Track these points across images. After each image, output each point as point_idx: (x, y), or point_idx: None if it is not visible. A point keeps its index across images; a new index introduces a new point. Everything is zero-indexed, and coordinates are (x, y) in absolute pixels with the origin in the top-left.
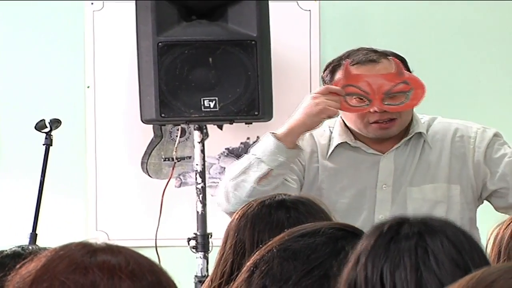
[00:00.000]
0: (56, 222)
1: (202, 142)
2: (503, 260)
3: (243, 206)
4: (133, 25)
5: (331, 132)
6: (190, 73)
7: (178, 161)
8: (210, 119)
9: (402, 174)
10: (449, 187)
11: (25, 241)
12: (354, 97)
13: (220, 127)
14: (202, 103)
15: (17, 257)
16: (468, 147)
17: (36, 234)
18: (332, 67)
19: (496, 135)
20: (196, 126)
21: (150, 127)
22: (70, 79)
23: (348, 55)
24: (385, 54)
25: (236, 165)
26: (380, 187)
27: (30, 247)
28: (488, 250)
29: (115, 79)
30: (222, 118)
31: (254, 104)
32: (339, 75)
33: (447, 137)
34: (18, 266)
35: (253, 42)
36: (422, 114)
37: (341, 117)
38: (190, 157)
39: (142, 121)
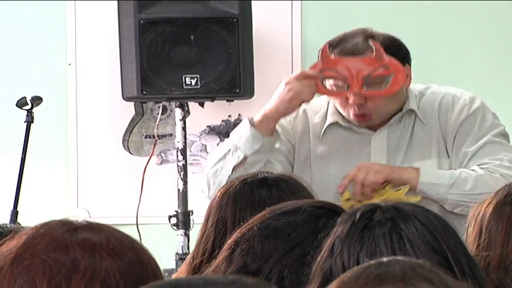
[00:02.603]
0: (37, 199)
1: (183, 119)
2: (484, 238)
3: (225, 184)
4: (115, 3)
5: (326, 114)
6: (171, 51)
7: (159, 138)
8: (192, 97)
9: (395, 152)
10: (440, 162)
11: (6, 218)
12: (332, 80)
13: (202, 105)
14: (183, 80)
15: None
16: (450, 119)
17: (17, 212)
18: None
19: (476, 110)
20: (178, 103)
21: (131, 104)
22: (52, 56)
23: (340, 41)
24: (367, 40)
25: (216, 151)
26: None
27: (9, 225)
28: (470, 229)
29: (96, 56)
30: (203, 95)
31: (235, 81)
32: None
33: (434, 109)
34: None
35: (234, 20)
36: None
37: None
38: (171, 135)
39: (124, 99)
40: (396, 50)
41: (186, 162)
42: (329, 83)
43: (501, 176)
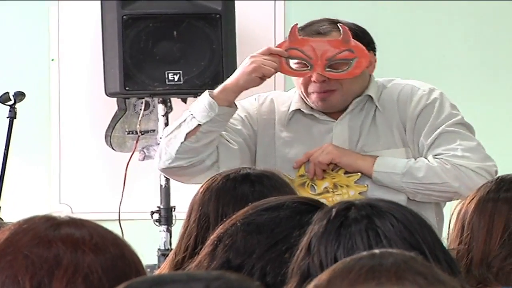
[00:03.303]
0: (20, 195)
1: (166, 115)
2: (466, 234)
3: (208, 180)
4: None
5: (291, 102)
6: (154, 46)
7: (142, 134)
8: (174, 93)
9: (358, 140)
10: (406, 151)
11: None
12: (296, 61)
13: (184, 101)
14: (166, 76)
15: None
16: (409, 109)
17: (0, 207)
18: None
19: (434, 100)
20: (160, 99)
21: (114, 100)
22: (35, 52)
23: (311, 24)
24: (336, 24)
25: (173, 123)
26: None
27: None
28: (452, 225)
29: (79, 52)
30: (186, 91)
31: (218, 77)
32: None
33: (394, 100)
34: None
35: (217, 16)
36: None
37: None
38: (154, 131)
39: (106, 94)
40: (362, 36)
41: None
42: (293, 64)
43: (453, 167)
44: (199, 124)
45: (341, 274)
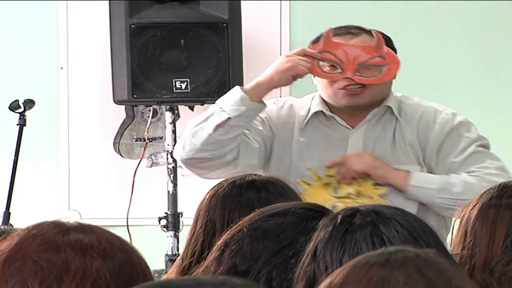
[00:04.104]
0: (30, 201)
1: (173, 122)
2: (469, 240)
3: (214, 186)
4: (106, 7)
5: (310, 107)
6: (162, 55)
7: (150, 141)
8: (182, 100)
9: (372, 150)
10: (422, 170)
11: None
12: (328, 64)
13: (191, 108)
14: (173, 84)
15: None
16: (432, 131)
17: (10, 213)
18: (315, 39)
19: (460, 123)
20: (168, 107)
21: (122, 107)
22: (44, 60)
23: (343, 27)
24: (368, 30)
25: (199, 116)
26: None
27: (1, 227)
28: (455, 231)
29: (88, 60)
30: (193, 99)
31: (225, 85)
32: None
33: (414, 120)
34: None
35: (224, 25)
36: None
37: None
38: (161, 138)
39: (115, 102)
40: (390, 45)
41: (176, 164)
42: (324, 67)
43: (489, 184)
44: (229, 117)
45: (356, 277)
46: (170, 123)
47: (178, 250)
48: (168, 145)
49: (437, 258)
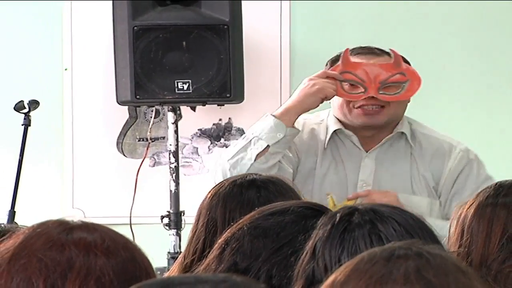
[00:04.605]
0: (34, 200)
1: (175, 123)
2: (466, 238)
3: (215, 185)
4: (110, 10)
5: (327, 126)
6: (164, 56)
7: (152, 141)
8: (184, 101)
9: (382, 175)
10: (432, 202)
11: (4, 218)
12: (350, 83)
13: (193, 109)
14: (176, 85)
15: None
16: (447, 165)
17: (15, 212)
18: (335, 58)
19: (474, 160)
20: (170, 107)
21: (125, 108)
22: (49, 61)
23: (359, 47)
24: (387, 53)
25: (233, 147)
26: (360, 186)
27: (2, 225)
28: (452, 229)
29: (92, 61)
30: (195, 100)
31: (226, 86)
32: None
33: (428, 151)
34: None
35: (225, 27)
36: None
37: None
38: (164, 138)
39: (118, 103)
40: (406, 62)
41: (178, 164)
42: (346, 86)
43: None
44: (268, 146)
45: (357, 276)
46: (172, 123)
47: (180, 248)
48: (170, 144)
49: (442, 258)
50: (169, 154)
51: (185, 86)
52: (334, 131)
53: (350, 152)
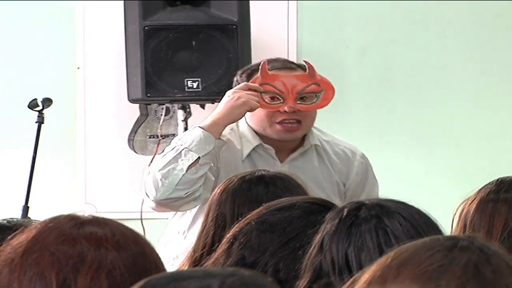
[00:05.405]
0: (47, 195)
1: (185, 120)
2: (468, 233)
3: (225, 181)
4: (121, 10)
5: (241, 137)
6: (174, 56)
7: (163, 138)
8: (193, 99)
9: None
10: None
11: (18, 213)
12: (268, 95)
13: (203, 106)
14: (185, 83)
15: (4, 229)
16: (351, 172)
17: (28, 207)
18: (250, 72)
19: (369, 165)
20: (180, 105)
21: (136, 106)
22: (62, 60)
23: (267, 62)
24: (300, 66)
25: (163, 157)
26: None
27: (15, 220)
28: (454, 225)
29: (104, 61)
30: (204, 98)
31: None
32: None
33: (335, 158)
34: (9, 237)
35: (234, 27)
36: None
37: (246, 122)
38: (174, 135)
39: (129, 101)
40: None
41: None
42: (266, 98)
43: None
44: (198, 157)
45: (416, 261)
46: (182, 121)
47: None
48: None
49: (500, 257)
50: None
51: (195, 85)
52: (257, 145)
53: (268, 164)
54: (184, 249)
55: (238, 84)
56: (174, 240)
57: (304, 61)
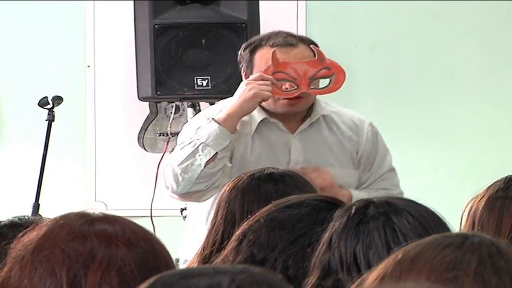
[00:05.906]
0: (58, 193)
1: None
2: (476, 230)
3: (234, 179)
4: (131, 8)
5: (249, 116)
6: (184, 54)
7: (172, 136)
8: (203, 97)
9: (311, 153)
10: (358, 173)
11: (28, 211)
12: (283, 83)
13: (212, 104)
14: (195, 81)
15: (15, 227)
16: (362, 139)
17: (39, 204)
18: (253, 47)
19: (377, 132)
20: (190, 103)
21: (146, 104)
22: (72, 58)
23: (268, 37)
24: (302, 40)
25: (181, 152)
26: (292, 165)
27: (26, 217)
28: (463, 222)
29: (114, 59)
30: (214, 95)
31: None
32: (259, 55)
33: (345, 126)
34: (20, 234)
35: (243, 25)
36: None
37: None
38: None
39: (139, 99)
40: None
41: None
42: (280, 86)
43: None
44: (216, 153)
45: (429, 255)
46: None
47: None
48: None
49: (509, 248)
50: None
51: (204, 83)
52: (262, 120)
53: (278, 137)
54: None
55: (243, 59)
56: (200, 225)
57: (312, 47)
